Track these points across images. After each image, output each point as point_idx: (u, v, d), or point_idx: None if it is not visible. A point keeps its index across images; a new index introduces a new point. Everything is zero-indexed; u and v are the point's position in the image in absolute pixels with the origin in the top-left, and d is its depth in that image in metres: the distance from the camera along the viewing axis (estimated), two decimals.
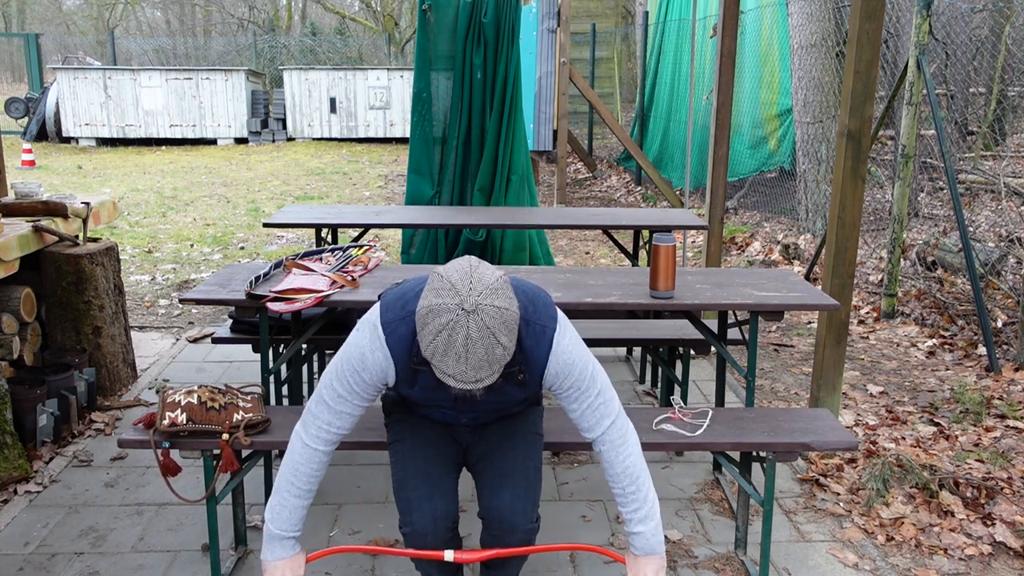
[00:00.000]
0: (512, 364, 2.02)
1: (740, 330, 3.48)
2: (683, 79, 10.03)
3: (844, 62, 3.45)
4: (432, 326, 1.79)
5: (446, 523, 2.18)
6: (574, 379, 2.06)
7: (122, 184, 11.26)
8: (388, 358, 2.02)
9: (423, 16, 4.74)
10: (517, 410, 2.34)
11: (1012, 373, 4.43)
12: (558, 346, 2.03)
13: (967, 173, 7.22)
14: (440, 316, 1.78)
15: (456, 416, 2.27)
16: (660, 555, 2.12)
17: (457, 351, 1.77)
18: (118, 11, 29.25)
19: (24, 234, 3.62)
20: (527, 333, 2.02)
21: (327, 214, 4.35)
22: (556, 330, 2.04)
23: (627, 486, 2.11)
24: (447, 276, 1.83)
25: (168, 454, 2.52)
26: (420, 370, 2.04)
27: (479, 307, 1.78)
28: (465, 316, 1.77)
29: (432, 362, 1.82)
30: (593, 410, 2.10)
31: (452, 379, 1.82)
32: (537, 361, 2.04)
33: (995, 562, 2.86)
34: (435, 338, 1.79)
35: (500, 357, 1.82)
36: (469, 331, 1.76)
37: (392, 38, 23.53)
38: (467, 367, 1.79)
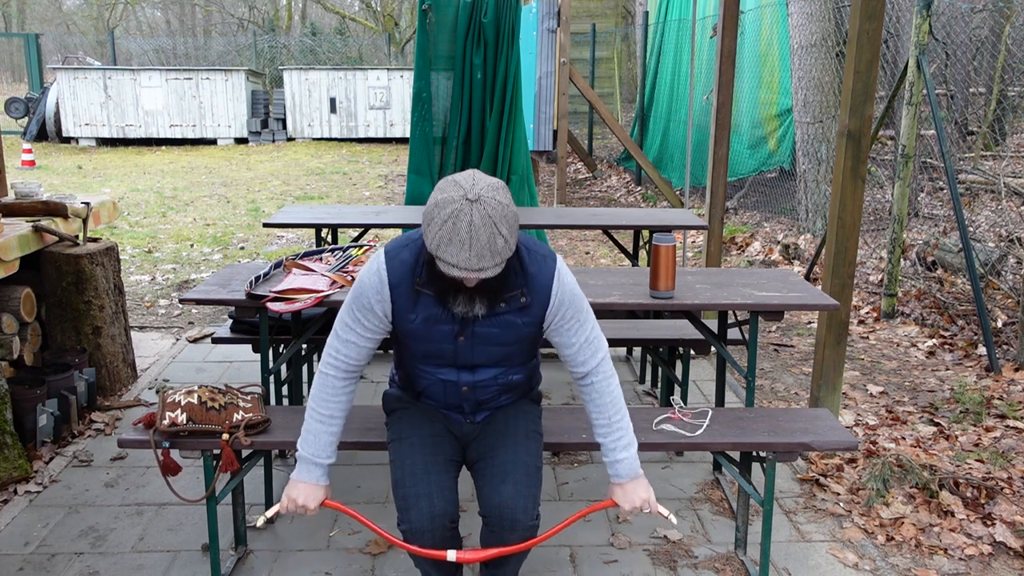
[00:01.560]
0: (514, 286, 2.14)
1: (740, 330, 3.49)
2: (683, 79, 10.03)
3: (844, 62, 3.45)
4: (438, 217, 1.92)
5: (444, 521, 2.18)
6: (576, 309, 2.21)
7: (122, 184, 11.26)
8: (384, 282, 2.15)
9: (423, 16, 4.74)
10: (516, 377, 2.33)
11: (1012, 373, 4.43)
12: (561, 276, 2.18)
13: (967, 173, 7.22)
14: (446, 207, 1.91)
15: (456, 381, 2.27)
16: (642, 475, 2.27)
17: (461, 238, 1.90)
18: (118, 11, 29.25)
19: (24, 234, 3.62)
20: (530, 259, 2.16)
21: (327, 214, 4.34)
22: (557, 262, 2.20)
23: (613, 415, 2.27)
24: (452, 177, 1.99)
25: (168, 454, 2.52)
26: (422, 293, 2.14)
27: (481, 198, 1.92)
28: (469, 205, 1.90)
29: (437, 254, 1.93)
30: (590, 343, 2.25)
31: (456, 268, 1.93)
32: (541, 287, 2.16)
33: (995, 562, 2.86)
34: (441, 227, 1.91)
35: (502, 249, 1.94)
36: (472, 219, 1.90)
37: (392, 38, 23.53)
38: (471, 254, 1.91)
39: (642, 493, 2.24)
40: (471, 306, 2.08)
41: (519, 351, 2.27)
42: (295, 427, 2.62)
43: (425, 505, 2.18)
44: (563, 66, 7.77)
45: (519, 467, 2.24)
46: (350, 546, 2.92)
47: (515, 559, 2.35)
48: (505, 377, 2.31)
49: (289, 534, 2.99)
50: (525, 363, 2.34)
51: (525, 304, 2.16)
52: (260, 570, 2.78)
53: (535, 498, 2.23)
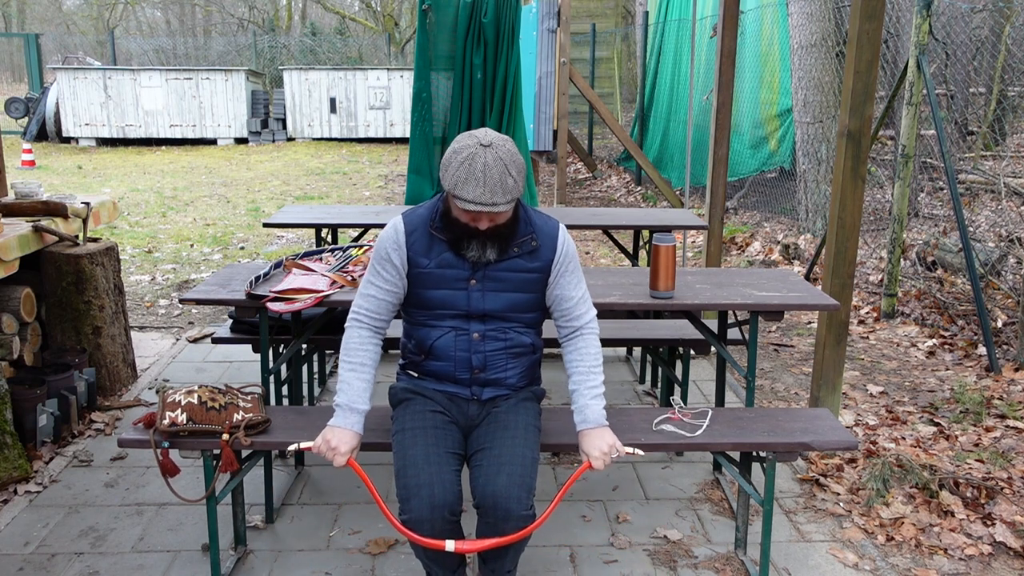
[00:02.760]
0: (523, 233, 2.35)
1: (740, 330, 3.49)
2: (683, 79, 10.03)
3: (844, 62, 3.45)
4: (455, 161, 2.18)
5: (444, 512, 2.19)
6: (576, 264, 2.44)
7: (122, 184, 11.26)
8: (400, 231, 2.35)
9: (423, 16, 4.74)
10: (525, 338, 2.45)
11: (1012, 373, 4.43)
12: (564, 231, 2.43)
13: (967, 173, 7.22)
14: (462, 152, 2.18)
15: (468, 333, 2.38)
16: (608, 426, 2.37)
17: (476, 176, 2.15)
18: (118, 11, 29.24)
19: (24, 234, 3.62)
20: (536, 216, 2.41)
21: (327, 214, 4.34)
22: (560, 224, 2.43)
23: (593, 365, 2.42)
24: (466, 132, 2.25)
25: (167, 454, 2.52)
26: (436, 237, 2.34)
27: (493, 143, 2.19)
28: (482, 149, 2.17)
29: (454, 192, 2.17)
30: (586, 299, 2.47)
31: (472, 204, 2.16)
32: (549, 236, 2.39)
33: (995, 562, 2.86)
34: (458, 169, 2.17)
35: (512, 188, 2.18)
36: (486, 160, 2.16)
37: (392, 38, 23.52)
38: (484, 189, 2.15)
39: (608, 438, 2.33)
40: (483, 251, 2.28)
41: (526, 303, 2.41)
42: (295, 427, 2.63)
43: (426, 495, 2.19)
44: (563, 66, 7.77)
45: (515, 458, 2.27)
46: (350, 546, 2.92)
47: (513, 552, 2.35)
48: (513, 333, 2.42)
49: (289, 534, 2.99)
50: (531, 325, 2.46)
51: (535, 247, 2.36)
52: (260, 570, 2.78)
53: (530, 489, 2.24)
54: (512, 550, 2.34)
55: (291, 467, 3.47)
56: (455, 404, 2.45)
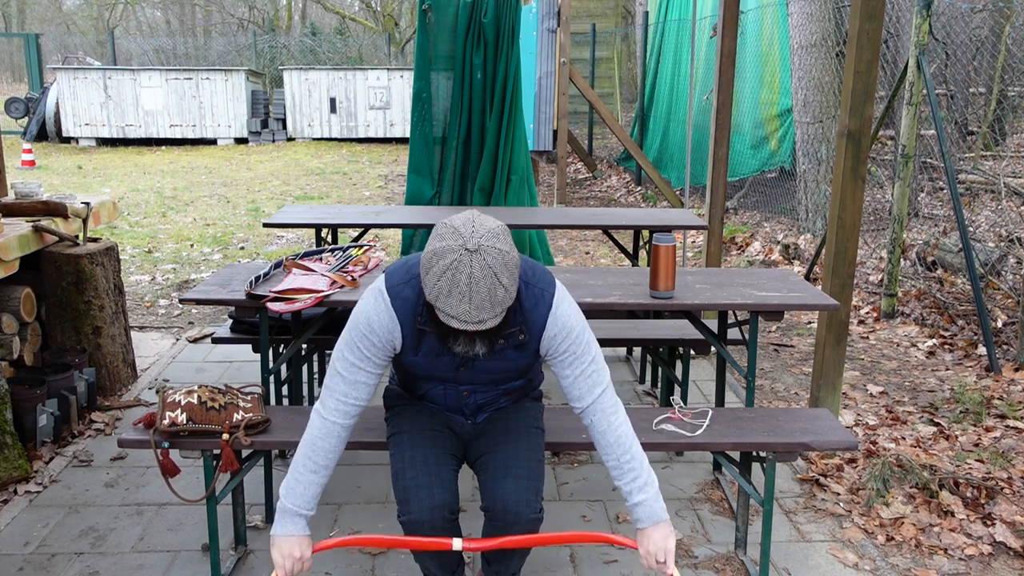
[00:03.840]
0: (513, 324, 2.09)
1: (740, 330, 3.49)
2: (683, 79, 10.03)
3: (844, 62, 3.45)
4: (437, 268, 1.86)
5: (443, 512, 2.18)
6: (571, 342, 2.12)
7: (122, 184, 11.26)
8: (394, 319, 2.08)
9: (423, 16, 4.74)
10: (516, 383, 2.33)
11: (1012, 373, 4.43)
12: (557, 308, 2.11)
13: (967, 173, 7.23)
14: (444, 257, 1.85)
15: (457, 389, 2.28)
16: (666, 520, 2.09)
17: (461, 290, 1.84)
18: (118, 11, 29.25)
19: (24, 234, 3.62)
20: (527, 295, 2.09)
21: (327, 214, 4.34)
22: (555, 295, 2.12)
23: (621, 455, 2.12)
24: (450, 223, 1.90)
25: (167, 454, 2.52)
26: (425, 331, 2.11)
27: (481, 248, 1.85)
28: (468, 256, 1.84)
29: (437, 305, 1.88)
30: (586, 377, 2.14)
31: (456, 320, 1.88)
32: (536, 322, 2.11)
33: (995, 562, 2.86)
34: (439, 279, 1.85)
35: (502, 299, 1.88)
36: (472, 270, 1.84)
37: (392, 38, 23.52)
38: (471, 307, 1.85)
39: (658, 541, 2.06)
40: (471, 347, 2.00)
41: (519, 375, 2.30)
42: (295, 427, 2.63)
43: (425, 496, 2.18)
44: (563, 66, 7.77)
45: (521, 461, 2.25)
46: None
47: (518, 557, 2.34)
48: (505, 386, 2.32)
49: None
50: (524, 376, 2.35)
51: (523, 341, 2.14)
52: (260, 570, 2.78)
53: (538, 492, 2.22)
54: (520, 553, 2.33)
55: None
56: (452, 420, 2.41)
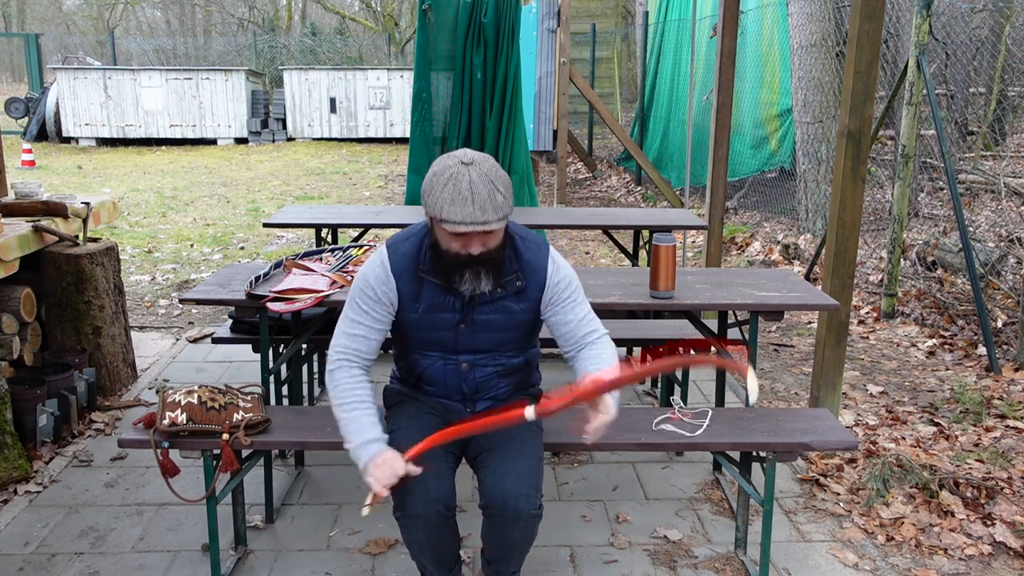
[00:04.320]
0: (510, 271, 2.24)
1: (740, 330, 3.48)
2: (683, 79, 10.03)
3: (844, 62, 3.45)
4: (438, 183, 2.06)
5: (439, 507, 2.19)
6: (572, 289, 2.31)
7: (122, 184, 11.26)
8: (389, 273, 2.24)
9: (423, 16, 4.74)
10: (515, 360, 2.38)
11: (1012, 373, 4.43)
12: (554, 258, 2.31)
13: (967, 173, 7.22)
14: (444, 173, 2.06)
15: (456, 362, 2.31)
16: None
17: (463, 195, 2.02)
18: (118, 11, 29.24)
19: (24, 234, 3.62)
20: (523, 247, 2.27)
21: (327, 214, 4.34)
22: (550, 250, 2.32)
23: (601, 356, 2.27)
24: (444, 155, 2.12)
25: (167, 454, 2.52)
26: (426, 280, 2.23)
27: (476, 161, 2.08)
28: (466, 168, 2.06)
29: (442, 216, 2.04)
30: (589, 320, 2.32)
31: (463, 224, 2.03)
32: (536, 270, 2.27)
33: (995, 562, 2.86)
34: (443, 190, 2.04)
35: (501, 204, 2.06)
36: (471, 177, 2.04)
37: (392, 38, 23.52)
38: (474, 208, 2.02)
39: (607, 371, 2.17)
40: (477, 282, 2.15)
41: (517, 337, 2.34)
42: (295, 427, 2.63)
43: (420, 490, 2.18)
44: (563, 66, 7.77)
45: (520, 458, 2.26)
46: (350, 546, 2.92)
47: (518, 555, 2.33)
48: (504, 358, 2.36)
49: (289, 534, 2.99)
50: (523, 348, 2.39)
51: (521, 288, 2.25)
52: (260, 570, 2.78)
53: (537, 488, 2.23)
54: (518, 552, 2.32)
55: (291, 467, 3.47)
56: (450, 411, 2.44)
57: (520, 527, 2.20)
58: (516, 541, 2.26)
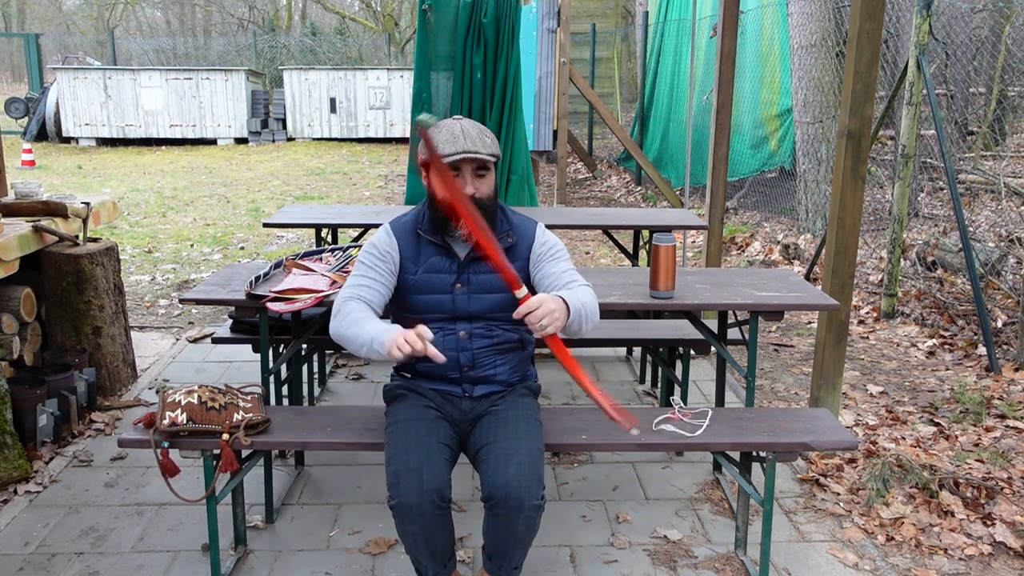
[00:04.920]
0: (501, 229, 2.46)
1: (740, 330, 3.48)
2: (683, 79, 10.03)
3: (844, 62, 3.45)
4: (436, 132, 2.35)
5: (433, 497, 2.18)
6: (558, 249, 2.51)
7: (122, 184, 11.26)
8: (391, 236, 2.47)
9: (423, 16, 4.74)
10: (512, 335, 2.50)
11: (1012, 373, 4.43)
12: (543, 228, 2.55)
13: (967, 173, 7.22)
14: (441, 128, 2.36)
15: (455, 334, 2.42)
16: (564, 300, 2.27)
17: (455, 134, 2.34)
18: (118, 11, 29.24)
19: (24, 234, 3.62)
20: (513, 215, 2.53)
21: (327, 214, 4.34)
22: (539, 223, 2.55)
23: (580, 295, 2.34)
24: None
25: (167, 454, 2.52)
26: (424, 239, 2.45)
27: (465, 118, 2.41)
28: (458, 120, 2.39)
29: (443, 152, 2.28)
30: (573, 274, 2.47)
31: (458, 153, 2.29)
32: (526, 233, 2.50)
33: (995, 562, 2.86)
34: (438, 134, 2.33)
35: (491, 144, 2.37)
36: (463, 124, 2.37)
37: (392, 38, 23.52)
38: (466, 140, 2.32)
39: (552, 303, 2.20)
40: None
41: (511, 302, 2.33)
42: (295, 427, 2.63)
43: (415, 479, 2.19)
44: (563, 66, 7.77)
45: (521, 449, 2.27)
46: (350, 546, 2.92)
47: (520, 547, 2.32)
48: (500, 330, 2.46)
49: (289, 534, 2.99)
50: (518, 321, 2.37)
51: (512, 244, 2.46)
52: (260, 570, 2.78)
53: (539, 479, 2.23)
54: (520, 544, 2.31)
55: (291, 467, 3.47)
56: (449, 402, 2.48)
57: (523, 518, 2.19)
58: (519, 534, 2.25)
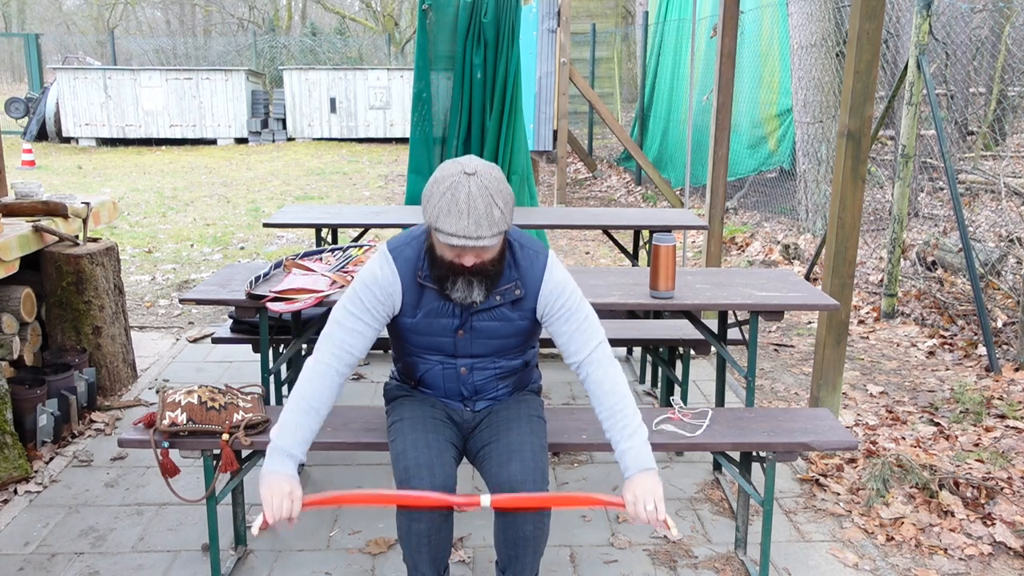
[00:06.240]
0: (508, 280, 2.22)
1: (740, 330, 3.48)
2: (683, 79, 10.03)
3: (844, 62, 3.45)
4: (437, 191, 2.03)
5: (444, 493, 2.17)
6: (566, 298, 2.25)
7: (122, 184, 11.26)
8: (395, 273, 2.22)
9: (423, 16, 4.74)
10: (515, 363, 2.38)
11: (1012, 373, 4.43)
12: (551, 268, 2.26)
13: (967, 173, 7.22)
14: (444, 181, 2.03)
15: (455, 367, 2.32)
16: (654, 469, 2.14)
17: (460, 207, 1.99)
18: (118, 11, 29.24)
19: (24, 234, 3.62)
20: (522, 255, 2.25)
21: (327, 214, 4.34)
22: (548, 257, 2.28)
23: (615, 403, 2.19)
24: (450, 160, 2.11)
25: (167, 454, 2.52)
26: (424, 287, 2.23)
27: (478, 171, 2.03)
28: (466, 178, 2.02)
29: (437, 226, 2.02)
30: (582, 332, 2.25)
31: (456, 236, 2.01)
32: (533, 279, 2.25)
33: (995, 562, 2.86)
34: (440, 199, 2.01)
35: (498, 219, 2.03)
36: (470, 189, 2.00)
37: (392, 38, 23.52)
38: (469, 222, 1.99)
39: (647, 485, 2.08)
40: (469, 291, 2.12)
41: (516, 343, 2.33)
42: None
43: (427, 475, 2.17)
44: (563, 66, 7.77)
45: (524, 445, 2.25)
46: (350, 546, 2.92)
47: (531, 553, 2.28)
48: (503, 361, 2.36)
49: (289, 534, 2.99)
50: (523, 351, 2.39)
51: (519, 296, 2.24)
52: (260, 570, 2.78)
53: (543, 474, 2.22)
54: (531, 548, 2.27)
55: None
56: (451, 408, 2.44)
57: (530, 516, 2.17)
58: (527, 534, 2.22)
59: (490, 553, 2.86)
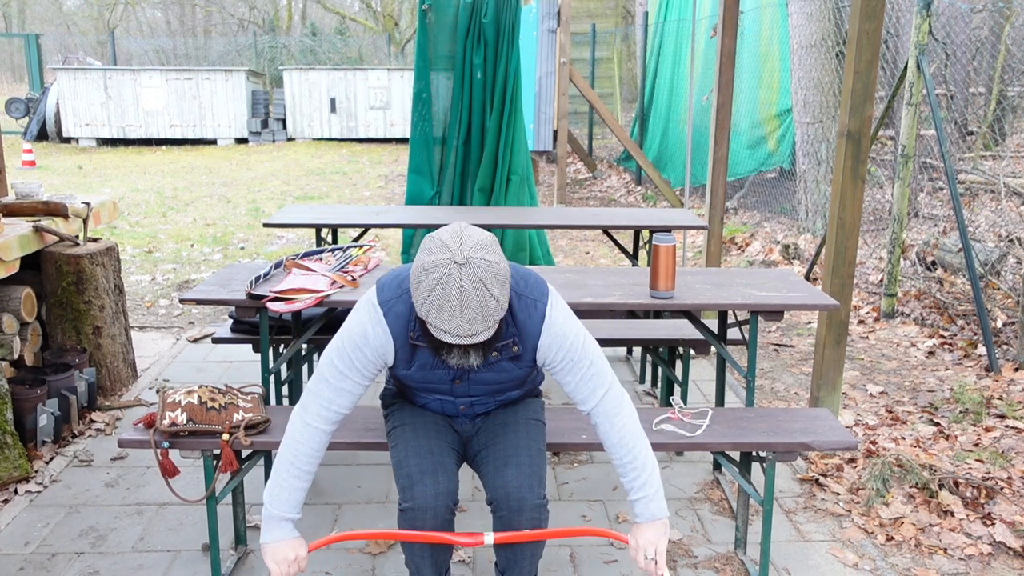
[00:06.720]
0: (506, 336, 2.10)
1: (740, 330, 3.48)
2: (683, 79, 10.03)
3: (844, 62, 3.45)
4: (426, 282, 1.85)
5: (447, 501, 2.17)
6: (566, 351, 2.12)
7: (122, 184, 11.26)
8: (387, 333, 2.08)
9: (423, 16, 4.75)
10: (514, 394, 2.34)
11: (1012, 373, 4.43)
12: (550, 318, 2.10)
13: (967, 173, 7.22)
14: (433, 271, 1.84)
15: (454, 402, 2.29)
16: (663, 519, 2.13)
17: (452, 304, 1.84)
18: (118, 11, 29.24)
19: (24, 234, 3.62)
20: (519, 307, 2.09)
21: (327, 214, 4.35)
22: (548, 304, 2.11)
23: (624, 455, 2.15)
24: (438, 236, 1.90)
25: (167, 455, 2.52)
26: (418, 346, 2.11)
27: (470, 260, 1.84)
28: (458, 269, 1.83)
29: (428, 320, 1.88)
30: (586, 381, 2.14)
31: (448, 335, 1.88)
32: (531, 334, 2.11)
33: (995, 562, 2.86)
34: (430, 294, 1.85)
35: (494, 310, 1.88)
36: (462, 283, 1.83)
37: (392, 38, 23.53)
38: (462, 320, 1.85)
39: (649, 536, 2.09)
40: (465, 359, 2.00)
41: (517, 384, 2.30)
42: None
43: (430, 482, 2.16)
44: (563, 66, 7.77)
45: (521, 450, 2.24)
46: (350, 546, 2.92)
47: (530, 559, 2.30)
48: (503, 396, 2.33)
49: None
50: (525, 384, 2.36)
51: (517, 353, 2.14)
52: (260, 570, 2.79)
53: (540, 478, 2.21)
54: (528, 552, 2.28)
55: None
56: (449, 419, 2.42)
57: (526, 519, 2.17)
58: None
59: (490, 554, 2.86)
